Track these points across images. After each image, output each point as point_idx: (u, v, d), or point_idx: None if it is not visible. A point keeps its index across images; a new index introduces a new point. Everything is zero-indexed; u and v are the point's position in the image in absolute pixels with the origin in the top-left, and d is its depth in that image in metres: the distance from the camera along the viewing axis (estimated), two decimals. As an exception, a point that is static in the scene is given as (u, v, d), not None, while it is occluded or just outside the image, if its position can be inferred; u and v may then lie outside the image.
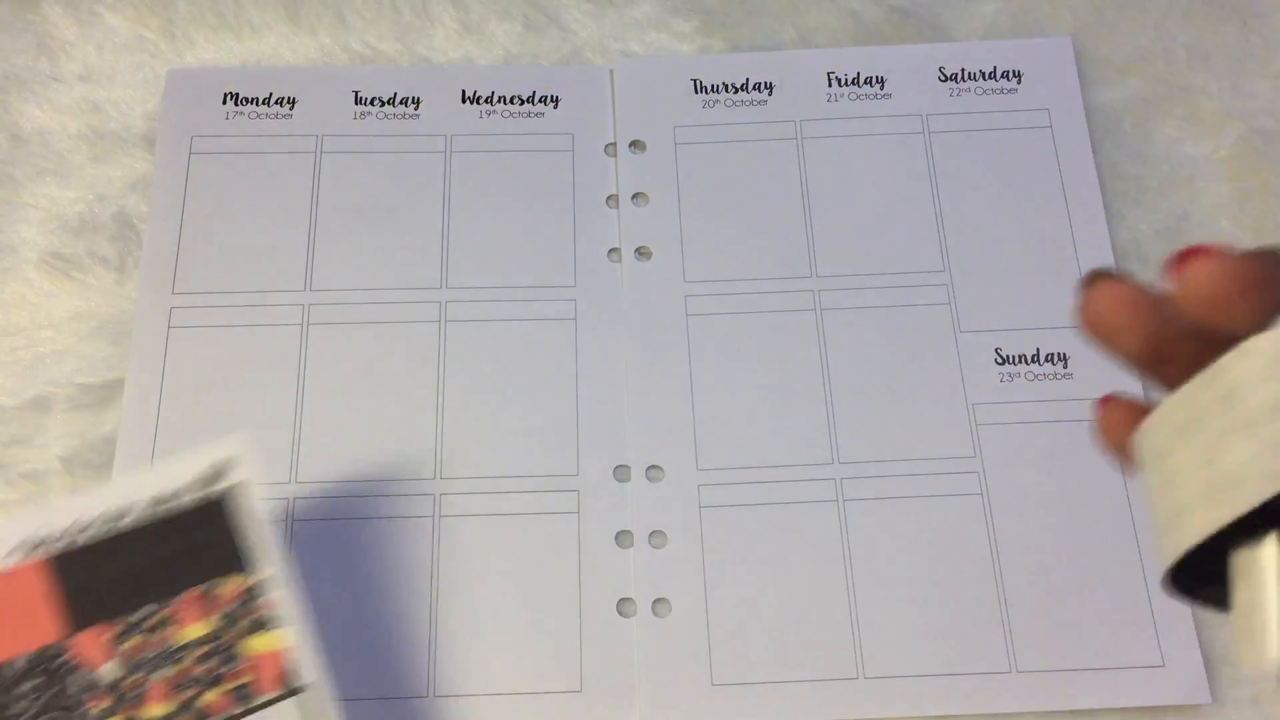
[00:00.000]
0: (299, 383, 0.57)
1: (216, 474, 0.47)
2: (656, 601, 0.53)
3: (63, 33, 0.64)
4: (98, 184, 0.61)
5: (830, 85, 0.64)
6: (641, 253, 0.60)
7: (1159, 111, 0.63)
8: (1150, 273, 0.60)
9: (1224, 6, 0.65)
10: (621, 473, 0.55)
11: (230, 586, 0.46)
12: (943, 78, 0.64)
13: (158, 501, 0.46)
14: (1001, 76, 0.64)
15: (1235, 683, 0.52)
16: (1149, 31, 0.65)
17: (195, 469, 0.47)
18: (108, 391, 0.57)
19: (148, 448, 0.55)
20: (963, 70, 0.64)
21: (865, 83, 0.64)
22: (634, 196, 0.61)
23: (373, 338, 0.58)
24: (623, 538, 0.54)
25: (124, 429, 0.56)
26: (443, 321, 0.58)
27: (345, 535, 0.54)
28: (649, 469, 0.56)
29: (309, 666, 0.45)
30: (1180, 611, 0.52)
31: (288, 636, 0.45)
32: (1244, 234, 0.60)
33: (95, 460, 0.56)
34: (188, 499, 0.47)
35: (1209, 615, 0.52)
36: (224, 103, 0.62)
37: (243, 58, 0.64)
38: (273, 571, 0.46)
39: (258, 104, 0.62)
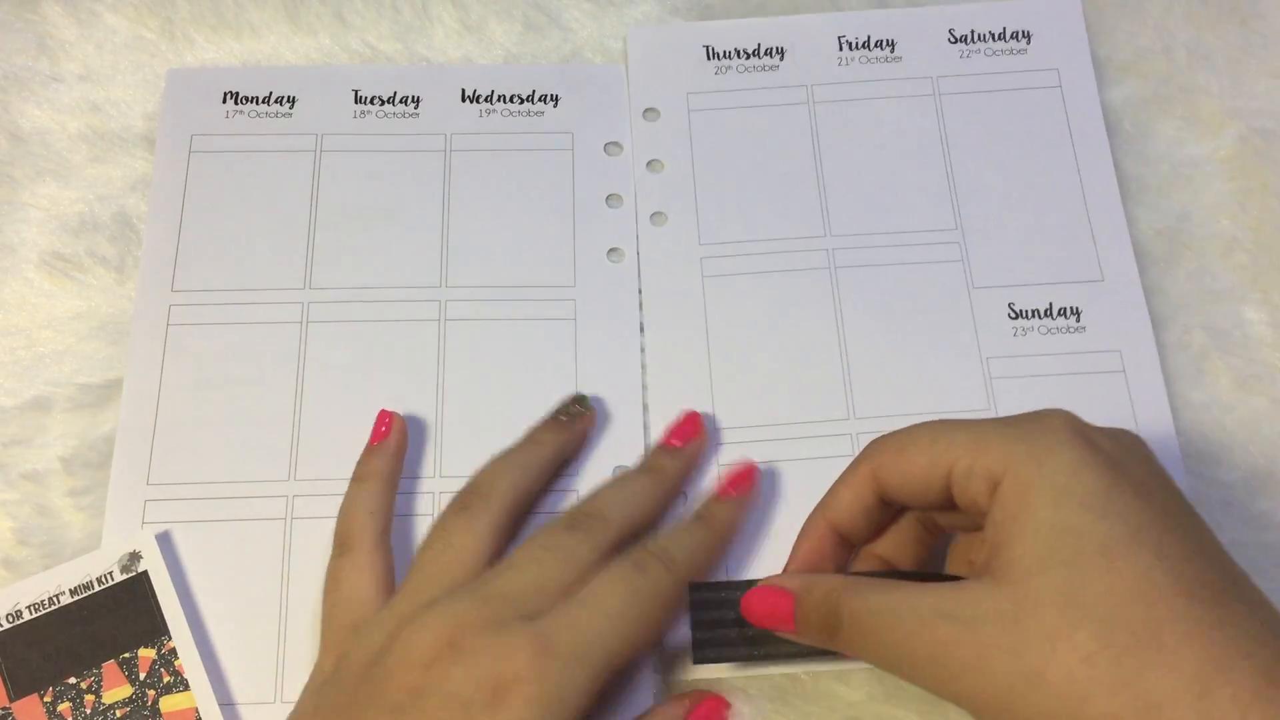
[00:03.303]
0: (298, 381, 0.57)
1: (127, 564, 0.52)
2: None
3: (63, 33, 0.64)
4: (98, 184, 0.61)
5: (841, 49, 0.65)
6: (657, 218, 0.60)
7: (1159, 111, 0.64)
8: (1151, 272, 0.60)
9: (1224, 6, 0.65)
10: (621, 473, 0.55)
11: (145, 655, 0.51)
12: (953, 39, 0.65)
13: (77, 589, 0.52)
14: (1011, 37, 0.65)
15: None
16: (1149, 31, 0.65)
17: (108, 561, 0.52)
18: (108, 391, 0.57)
19: (146, 446, 0.55)
20: (972, 31, 0.65)
21: (876, 46, 0.65)
22: (649, 163, 0.62)
23: (372, 336, 0.58)
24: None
25: (122, 427, 0.55)
26: (442, 320, 0.58)
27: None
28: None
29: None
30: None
31: (196, 696, 0.50)
32: (1244, 233, 0.60)
33: (95, 460, 0.56)
34: (103, 586, 0.52)
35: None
36: (224, 102, 0.62)
37: (243, 58, 0.64)
38: (181, 641, 0.51)
39: (257, 103, 0.62)
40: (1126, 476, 0.40)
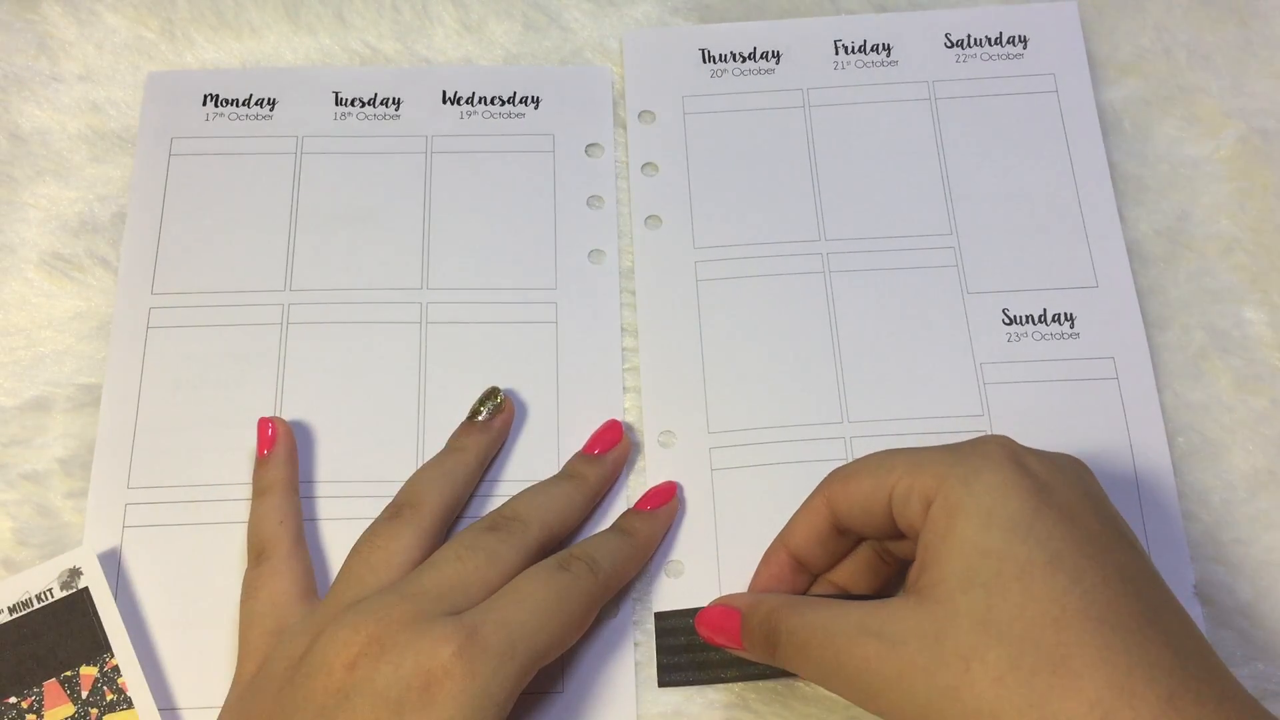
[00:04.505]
0: (278, 383, 0.57)
1: (66, 580, 0.51)
2: (669, 563, 0.54)
3: (62, 32, 0.64)
4: (98, 184, 0.61)
5: (837, 53, 0.64)
6: (651, 221, 0.60)
7: (1159, 111, 0.63)
8: (1151, 272, 0.60)
9: (1224, 6, 0.65)
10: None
11: (87, 673, 0.50)
12: (949, 43, 0.65)
13: (15, 608, 0.51)
14: (1008, 42, 0.65)
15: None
16: (1149, 31, 0.65)
17: (47, 578, 0.51)
18: (106, 392, 0.57)
19: (126, 448, 0.55)
20: (969, 36, 0.65)
21: (872, 50, 0.64)
22: (644, 166, 0.62)
23: (353, 338, 0.58)
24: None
25: (103, 429, 0.56)
26: (424, 323, 0.58)
27: (325, 538, 0.54)
28: (661, 434, 0.56)
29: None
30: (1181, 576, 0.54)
31: (140, 715, 0.50)
32: (1244, 234, 0.60)
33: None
34: (43, 604, 0.51)
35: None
36: (204, 104, 0.62)
37: (243, 58, 0.64)
38: (124, 658, 0.50)
39: (238, 105, 0.62)
40: (1053, 501, 0.41)
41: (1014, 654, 0.38)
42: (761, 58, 0.64)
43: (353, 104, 0.63)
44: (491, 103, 0.63)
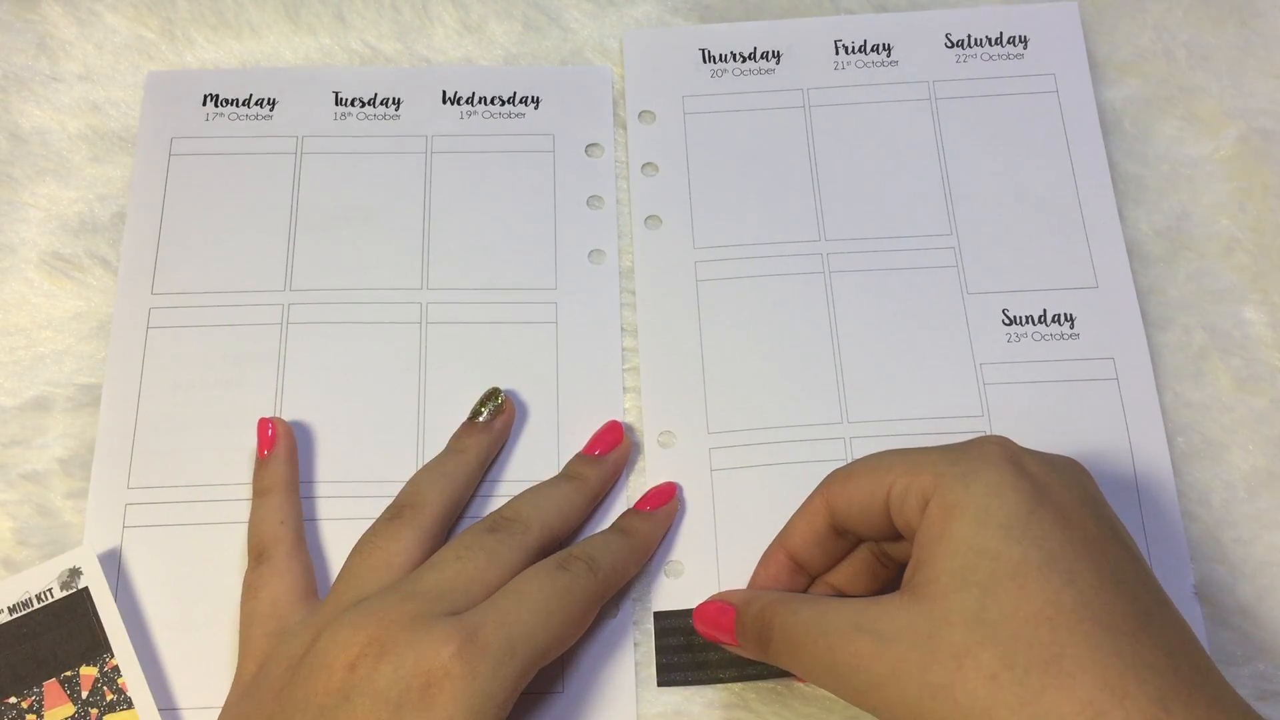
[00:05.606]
0: (278, 383, 0.57)
1: (66, 580, 0.51)
2: (669, 563, 0.54)
3: (63, 33, 0.64)
4: (98, 184, 0.61)
5: (837, 53, 0.64)
6: (651, 221, 0.60)
7: (1159, 111, 0.63)
8: (1151, 272, 0.60)
9: (1224, 6, 0.65)
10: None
11: (88, 673, 0.50)
12: (949, 44, 0.65)
13: (15, 608, 0.51)
14: (1008, 42, 0.65)
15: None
16: (1149, 31, 0.65)
17: (47, 578, 0.51)
18: (106, 392, 0.57)
19: (126, 449, 0.55)
20: (969, 36, 0.65)
21: (872, 50, 0.64)
22: (644, 166, 0.62)
23: (353, 338, 0.58)
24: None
25: (103, 429, 0.56)
26: (424, 323, 0.58)
27: (325, 538, 0.54)
28: (661, 434, 0.56)
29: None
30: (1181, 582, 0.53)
31: (140, 715, 0.49)
32: (1244, 234, 0.60)
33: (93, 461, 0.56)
34: (43, 604, 0.51)
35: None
36: (204, 104, 0.62)
37: (243, 58, 0.64)
38: (124, 658, 0.50)
39: (238, 105, 0.62)
40: (1049, 502, 0.41)
41: (1007, 653, 0.38)
42: (761, 58, 0.64)
43: (353, 104, 0.63)
44: (491, 103, 0.63)
